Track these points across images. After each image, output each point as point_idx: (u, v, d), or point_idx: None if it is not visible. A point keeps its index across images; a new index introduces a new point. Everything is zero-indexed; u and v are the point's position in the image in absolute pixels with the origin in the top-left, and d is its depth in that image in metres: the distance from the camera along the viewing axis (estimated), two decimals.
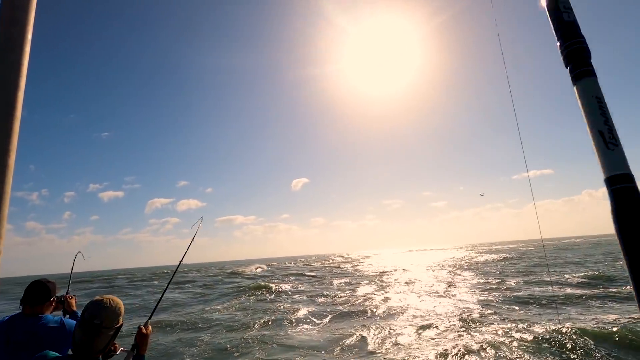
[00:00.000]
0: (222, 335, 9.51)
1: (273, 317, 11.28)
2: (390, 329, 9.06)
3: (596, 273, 16.72)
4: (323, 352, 7.60)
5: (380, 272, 27.68)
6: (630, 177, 0.95)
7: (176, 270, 3.04)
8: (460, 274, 22.51)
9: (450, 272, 24.71)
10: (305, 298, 15.63)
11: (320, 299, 14.82)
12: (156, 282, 30.74)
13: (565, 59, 1.10)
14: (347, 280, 22.62)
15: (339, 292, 16.91)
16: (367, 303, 13.10)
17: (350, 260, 60.58)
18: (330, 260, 61.38)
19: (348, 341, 8.19)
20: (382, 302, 13.20)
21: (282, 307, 13.11)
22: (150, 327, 2.08)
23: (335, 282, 22.09)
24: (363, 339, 8.33)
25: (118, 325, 1.65)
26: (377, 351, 7.44)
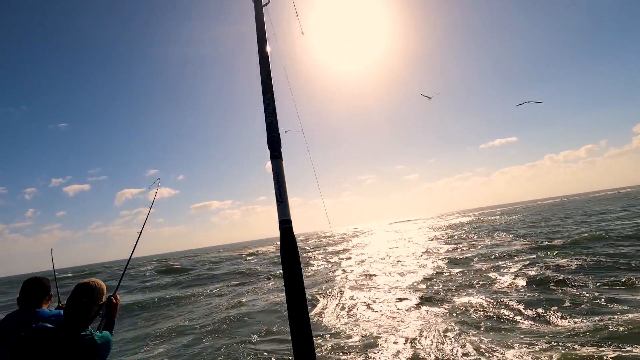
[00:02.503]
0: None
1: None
2: None
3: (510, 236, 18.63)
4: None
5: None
6: (289, 221, 1.69)
7: (133, 251, 3.08)
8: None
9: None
10: None
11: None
12: (133, 271, 31.06)
13: (268, 144, 1.83)
14: None
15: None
16: None
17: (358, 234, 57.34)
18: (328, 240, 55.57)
19: None
20: None
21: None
22: (118, 297, 2.47)
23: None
24: None
25: (101, 302, 2.18)
26: None
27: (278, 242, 1.68)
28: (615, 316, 6.52)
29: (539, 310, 7.51)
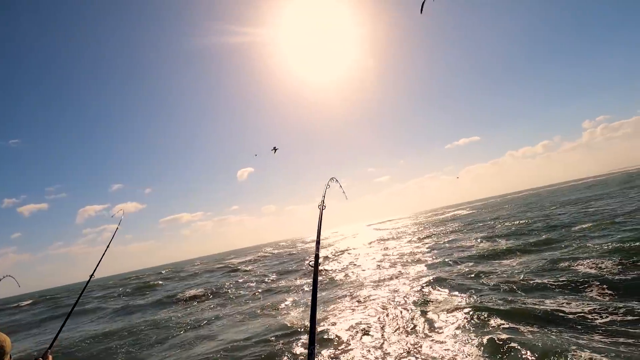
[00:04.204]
0: None
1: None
2: None
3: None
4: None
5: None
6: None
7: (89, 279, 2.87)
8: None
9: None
10: None
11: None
12: (100, 294, 29.55)
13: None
14: None
15: None
16: None
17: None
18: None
19: None
20: None
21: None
22: (50, 358, 1.84)
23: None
24: None
25: None
26: None
27: (254, 254, 1.72)
28: None
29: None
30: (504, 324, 6.22)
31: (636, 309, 5.91)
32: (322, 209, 2.83)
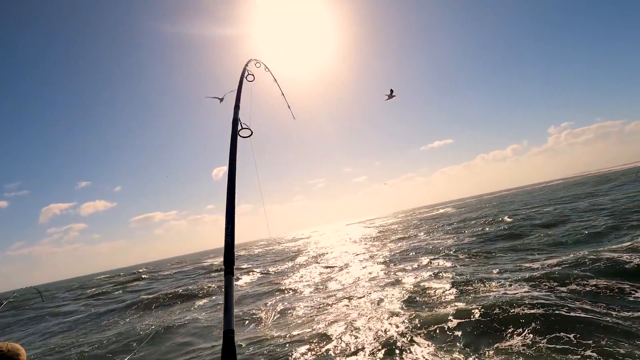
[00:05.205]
0: None
1: None
2: None
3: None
4: None
5: None
6: (232, 331, 1.86)
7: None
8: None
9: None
10: None
11: None
12: (66, 294, 28.08)
13: (224, 262, 1.99)
14: None
15: None
16: None
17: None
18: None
19: None
20: None
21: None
22: None
23: None
24: None
25: None
26: None
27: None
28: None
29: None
30: None
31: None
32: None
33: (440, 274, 10.74)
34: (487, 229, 20.23)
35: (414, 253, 16.79)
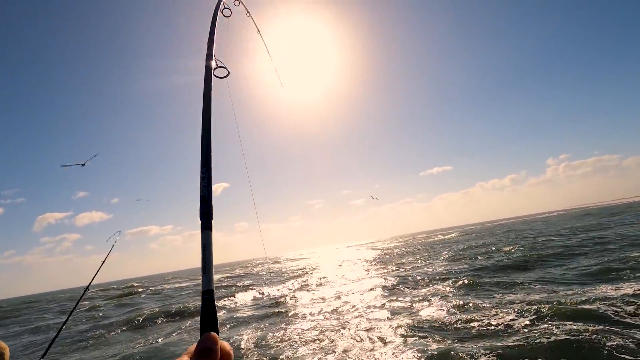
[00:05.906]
0: None
1: None
2: None
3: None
4: None
5: None
6: (212, 291, 1.77)
7: (84, 292, 2.62)
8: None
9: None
10: None
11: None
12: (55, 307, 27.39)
13: (200, 216, 1.91)
14: None
15: None
16: None
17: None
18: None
19: None
20: None
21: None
22: None
23: None
24: None
25: None
26: None
27: (223, 273, 1.65)
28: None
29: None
30: None
31: None
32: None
33: (447, 303, 10.27)
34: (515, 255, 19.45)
35: (420, 279, 16.25)
